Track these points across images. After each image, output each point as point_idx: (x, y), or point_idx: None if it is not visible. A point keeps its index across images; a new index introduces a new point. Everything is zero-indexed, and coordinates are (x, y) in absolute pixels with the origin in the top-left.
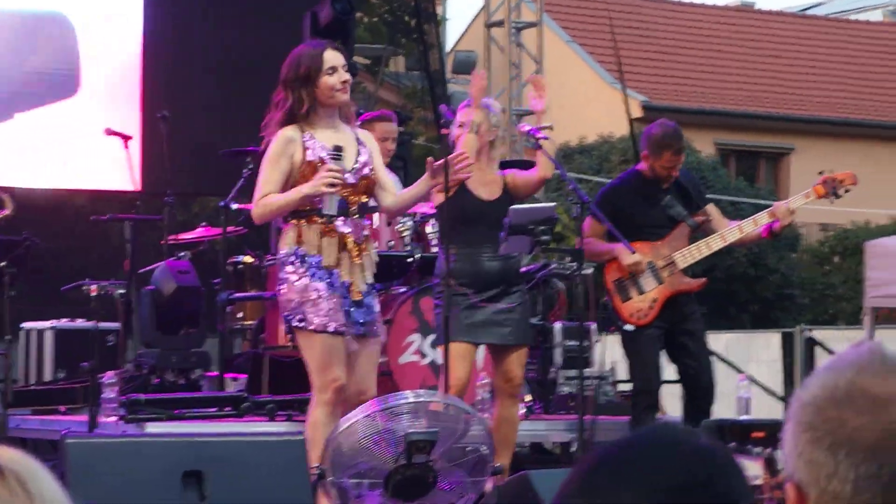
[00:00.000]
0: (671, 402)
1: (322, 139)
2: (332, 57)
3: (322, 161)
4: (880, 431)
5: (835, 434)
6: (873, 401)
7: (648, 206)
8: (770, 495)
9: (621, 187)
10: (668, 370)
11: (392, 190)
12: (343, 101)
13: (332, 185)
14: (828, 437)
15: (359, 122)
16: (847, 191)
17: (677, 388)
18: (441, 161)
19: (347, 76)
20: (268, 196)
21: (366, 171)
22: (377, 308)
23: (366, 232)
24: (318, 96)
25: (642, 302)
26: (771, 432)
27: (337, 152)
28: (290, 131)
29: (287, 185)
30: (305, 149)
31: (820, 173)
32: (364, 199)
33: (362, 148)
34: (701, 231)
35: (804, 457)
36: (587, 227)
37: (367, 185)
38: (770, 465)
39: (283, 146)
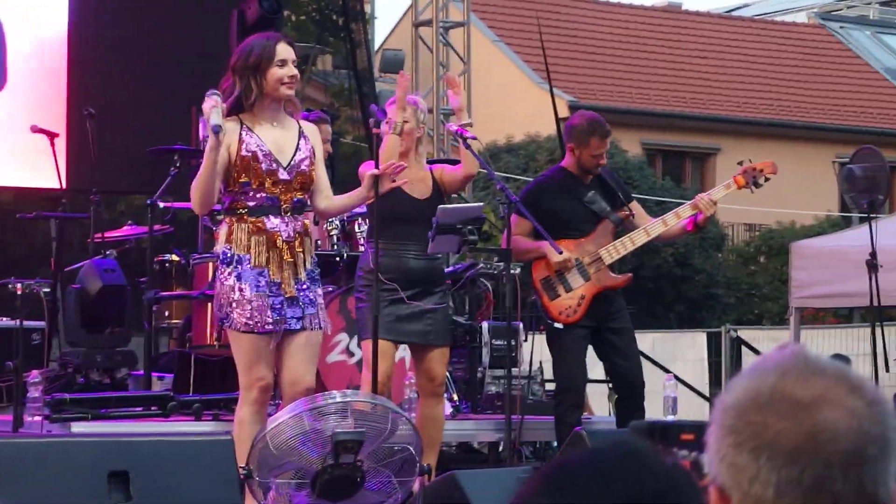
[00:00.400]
0: (597, 400)
1: (261, 133)
2: (284, 50)
3: (255, 157)
4: (802, 435)
5: (757, 438)
6: (795, 405)
7: (572, 202)
8: None
9: (545, 184)
10: (596, 369)
11: (327, 192)
12: (288, 95)
13: (212, 105)
14: (750, 440)
15: None
16: (767, 179)
17: (603, 387)
18: (374, 171)
19: (296, 72)
20: (194, 181)
21: (303, 167)
22: (319, 301)
23: (299, 230)
24: (265, 87)
25: (570, 299)
26: (700, 435)
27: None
28: (228, 123)
29: (224, 177)
30: (241, 142)
31: (740, 163)
32: (299, 195)
33: (304, 143)
34: (625, 227)
35: (727, 460)
36: (514, 226)
37: (303, 181)
38: (696, 469)
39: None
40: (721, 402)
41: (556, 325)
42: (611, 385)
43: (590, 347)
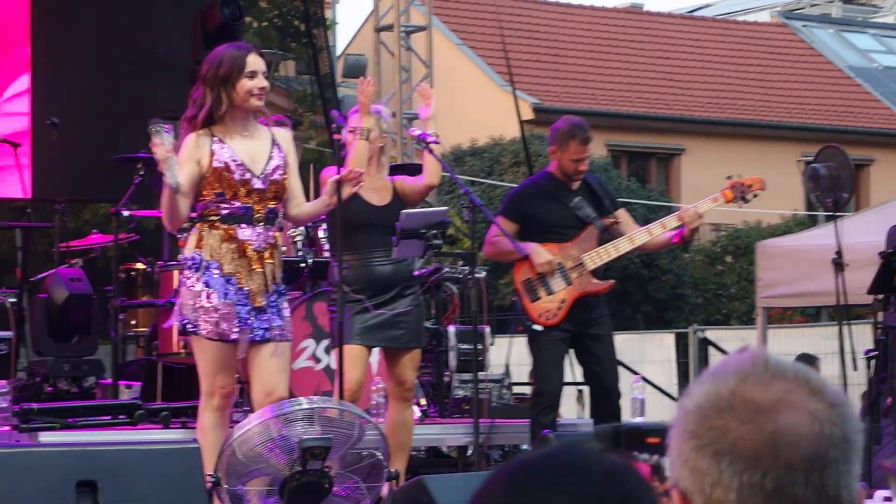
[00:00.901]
0: (566, 403)
1: (233, 144)
2: (254, 61)
3: (227, 168)
4: (762, 440)
5: (718, 442)
6: (755, 409)
7: (557, 206)
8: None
9: (530, 188)
10: (571, 372)
11: (299, 199)
12: (257, 106)
13: (164, 158)
14: (711, 445)
15: None
16: (755, 195)
17: (573, 389)
18: (336, 178)
19: (266, 83)
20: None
21: (276, 175)
22: (286, 313)
23: (270, 241)
24: (235, 99)
25: (551, 302)
26: (665, 438)
27: (158, 126)
28: (192, 137)
29: (195, 189)
30: (213, 154)
31: (728, 178)
32: (272, 204)
33: (277, 151)
34: (609, 234)
35: (689, 464)
36: (494, 229)
37: (277, 190)
38: (658, 472)
39: (191, 150)
40: (682, 406)
41: (536, 327)
42: (581, 389)
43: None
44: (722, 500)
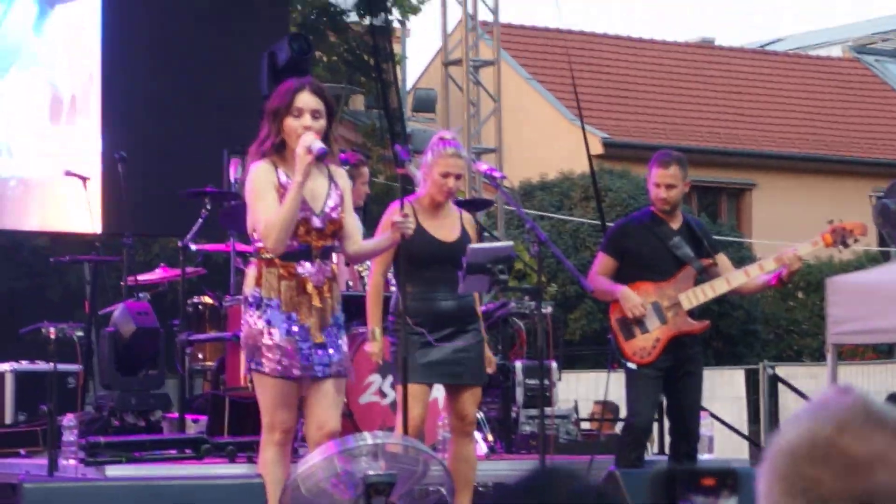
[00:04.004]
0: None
1: (292, 176)
2: (304, 99)
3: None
4: (855, 499)
5: (809, 492)
6: (852, 465)
7: (657, 244)
8: None
9: (631, 225)
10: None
11: (356, 237)
12: (308, 148)
13: (309, 149)
14: (802, 494)
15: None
16: (856, 240)
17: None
18: (400, 219)
19: (311, 122)
20: (270, 216)
21: (334, 214)
22: (345, 348)
23: (329, 275)
24: (283, 135)
25: (645, 341)
26: (721, 479)
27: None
28: (264, 164)
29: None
30: (279, 180)
31: (830, 221)
32: (330, 241)
33: (334, 190)
34: (707, 275)
35: None
36: (597, 264)
37: (335, 229)
38: None
39: (263, 176)
40: (776, 445)
41: (630, 364)
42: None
43: None
44: None
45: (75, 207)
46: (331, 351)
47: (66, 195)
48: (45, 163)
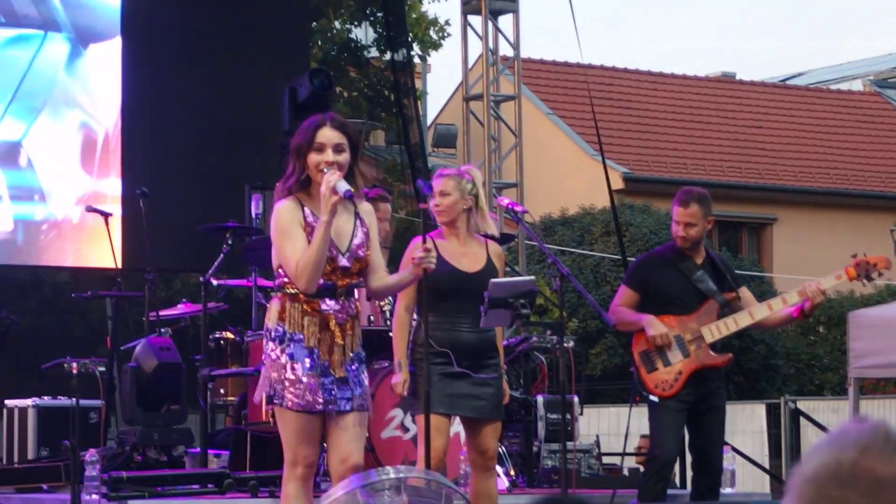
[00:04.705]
0: None
1: (318, 213)
2: (325, 134)
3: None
4: None
5: None
6: (878, 484)
7: (680, 278)
8: None
9: (654, 259)
10: None
11: (381, 273)
12: (334, 188)
13: (335, 190)
14: None
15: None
16: (880, 274)
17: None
18: (422, 254)
19: (334, 157)
20: (300, 259)
21: (360, 253)
22: (366, 381)
23: (352, 312)
24: (307, 171)
25: (668, 374)
26: None
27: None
28: (289, 202)
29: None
30: (306, 218)
31: (853, 256)
32: (355, 280)
33: (360, 227)
34: (730, 309)
35: None
36: (619, 297)
37: (361, 267)
38: None
39: (289, 215)
40: (799, 474)
41: (652, 397)
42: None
43: None
44: None
45: (97, 243)
46: (353, 385)
47: (87, 231)
48: (79, 207)
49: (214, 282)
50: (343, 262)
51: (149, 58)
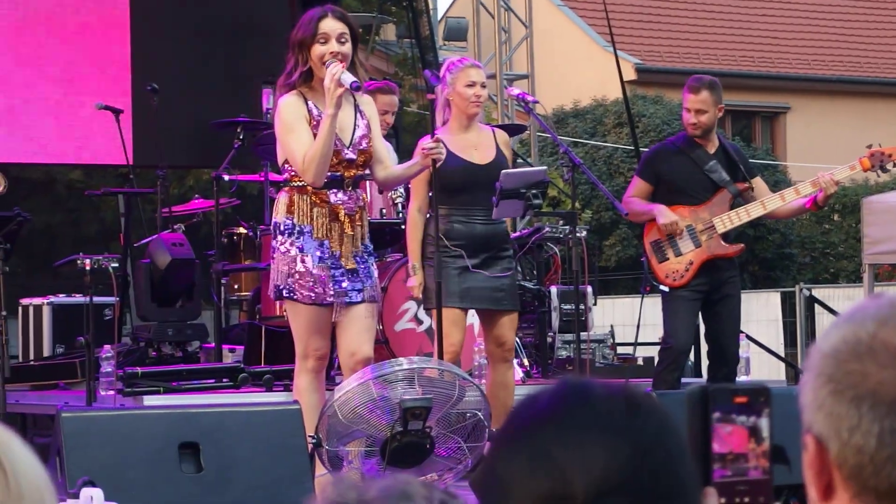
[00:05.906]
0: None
1: (321, 107)
2: (329, 25)
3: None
4: None
5: (857, 387)
6: None
7: (692, 168)
8: (756, 463)
9: (666, 149)
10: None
11: (387, 162)
12: (338, 80)
13: (340, 82)
14: (850, 389)
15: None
16: (895, 165)
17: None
18: (430, 144)
19: (339, 48)
20: (307, 153)
21: (363, 144)
22: (375, 274)
23: (360, 203)
24: (311, 63)
25: (678, 264)
26: (753, 398)
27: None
28: (292, 97)
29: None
30: (310, 112)
31: (868, 146)
32: (361, 171)
33: (361, 119)
34: (743, 199)
35: (825, 409)
36: (631, 188)
37: (365, 158)
38: (755, 434)
39: (294, 109)
40: (817, 350)
41: (662, 287)
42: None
43: None
44: (861, 446)
45: (108, 140)
46: (363, 277)
47: (97, 128)
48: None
49: (226, 177)
50: (348, 154)
51: None
